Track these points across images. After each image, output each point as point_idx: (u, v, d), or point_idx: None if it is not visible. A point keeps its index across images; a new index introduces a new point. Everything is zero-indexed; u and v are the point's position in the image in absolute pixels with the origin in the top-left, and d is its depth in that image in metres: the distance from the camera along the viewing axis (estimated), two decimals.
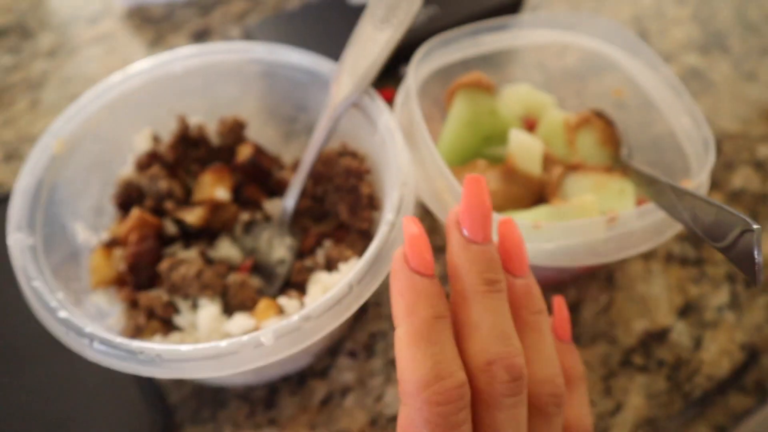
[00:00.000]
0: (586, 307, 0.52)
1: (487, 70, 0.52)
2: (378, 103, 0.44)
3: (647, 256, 0.56)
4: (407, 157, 0.41)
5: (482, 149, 0.50)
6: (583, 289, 0.53)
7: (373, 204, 0.46)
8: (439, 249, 0.55)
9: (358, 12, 0.68)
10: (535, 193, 0.47)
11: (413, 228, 0.30)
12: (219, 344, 0.34)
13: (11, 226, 0.40)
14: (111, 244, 0.46)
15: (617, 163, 0.48)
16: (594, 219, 0.40)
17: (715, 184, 0.62)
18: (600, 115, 0.50)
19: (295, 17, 0.70)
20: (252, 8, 0.78)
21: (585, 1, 0.82)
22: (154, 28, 0.75)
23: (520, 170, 0.46)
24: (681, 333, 0.52)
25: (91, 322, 0.36)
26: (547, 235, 0.39)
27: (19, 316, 0.48)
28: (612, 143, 0.49)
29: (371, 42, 0.43)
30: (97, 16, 0.77)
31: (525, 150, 0.46)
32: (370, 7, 0.43)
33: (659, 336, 0.51)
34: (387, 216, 0.39)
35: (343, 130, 0.47)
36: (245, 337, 0.34)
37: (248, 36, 0.68)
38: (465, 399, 0.27)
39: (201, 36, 0.75)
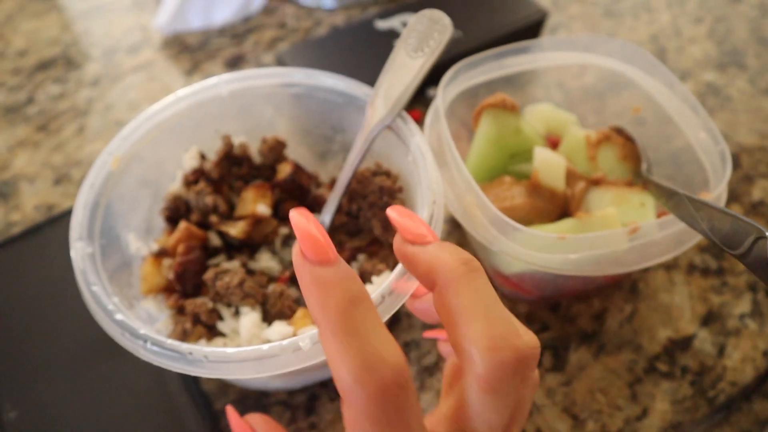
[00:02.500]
0: (611, 316, 0.54)
1: (510, 91, 0.55)
2: (410, 126, 0.46)
3: (669, 267, 0.57)
4: (437, 177, 0.44)
5: (508, 166, 0.52)
6: (607, 299, 0.55)
7: None
8: None
9: (385, 36, 0.72)
10: (560, 206, 0.49)
11: (300, 219, 0.28)
12: (261, 347, 0.37)
13: (73, 235, 0.43)
14: (160, 254, 0.49)
15: (638, 177, 0.50)
16: (616, 230, 0.42)
17: (735, 196, 0.63)
18: (620, 132, 0.52)
19: (324, 43, 0.73)
20: (283, 36, 0.82)
21: (603, 22, 0.84)
22: (191, 56, 0.80)
23: (545, 185, 0.48)
24: (704, 341, 0.53)
25: (143, 325, 0.39)
26: (572, 247, 0.41)
27: (77, 325, 0.52)
28: (632, 159, 0.51)
29: (404, 69, 0.46)
30: (137, 46, 0.81)
31: (549, 166, 0.48)
32: (403, 36, 0.46)
33: (683, 344, 0.53)
34: None
35: (377, 150, 0.50)
36: (285, 342, 0.36)
37: (280, 62, 0.72)
38: (405, 384, 0.26)
39: (235, 63, 0.79)
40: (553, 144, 0.55)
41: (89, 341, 0.51)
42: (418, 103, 0.70)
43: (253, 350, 0.37)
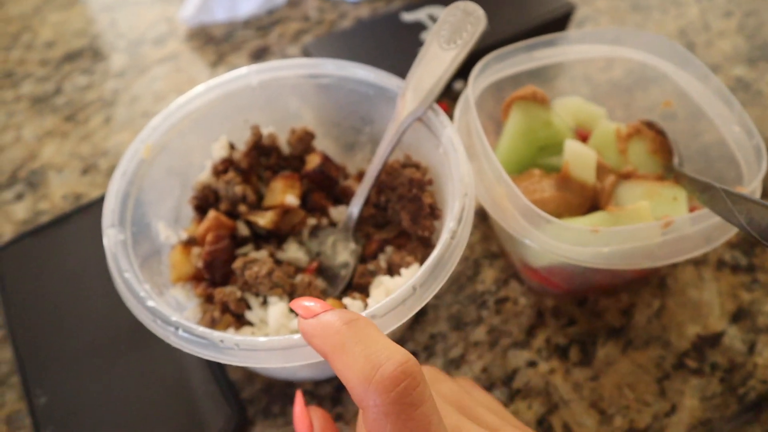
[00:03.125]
0: (639, 312, 0.54)
1: (536, 84, 0.55)
2: (441, 118, 0.46)
3: (699, 263, 0.57)
4: (469, 169, 0.44)
5: (537, 159, 0.52)
6: (635, 294, 0.55)
7: (434, 213, 0.48)
8: (493, 255, 0.57)
9: (411, 28, 0.72)
10: (589, 200, 0.49)
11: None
12: (292, 337, 0.37)
13: (106, 222, 0.43)
14: (189, 243, 0.49)
15: (669, 171, 0.50)
16: (650, 224, 0.41)
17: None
18: (651, 126, 0.52)
19: (349, 35, 0.73)
20: (307, 28, 0.82)
21: (630, 16, 0.83)
22: (216, 48, 0.80)
23: (575, 178, 0.48)
24: (734, 338, 0.52)
25: (174, 313, 0.40)
26: (604, 240, 0.41)
27: (105, 313, 0.53)
28: (663, 153, 0.51)
29: (436, 61, 0.46)
30: (162, 37, 0.82)
31: (580, 159, 0.48)
32: (436, 29, 0.46)
33: (712, 340, 0.52)
34: (449, 224, 0.41)
35: (406, 142, 0.50)
36: None
37: (306, 54, 0.72)
38: (414, 375, 0.26)
39: (260, 55, 0.79)
40: (583, 137, 0.54)
41: (118, 329, 0.52)
42: (444, 96, 0.70)
43: (284, 340, 0.37)
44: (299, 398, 0.40)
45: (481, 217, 0.60)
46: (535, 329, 0.53)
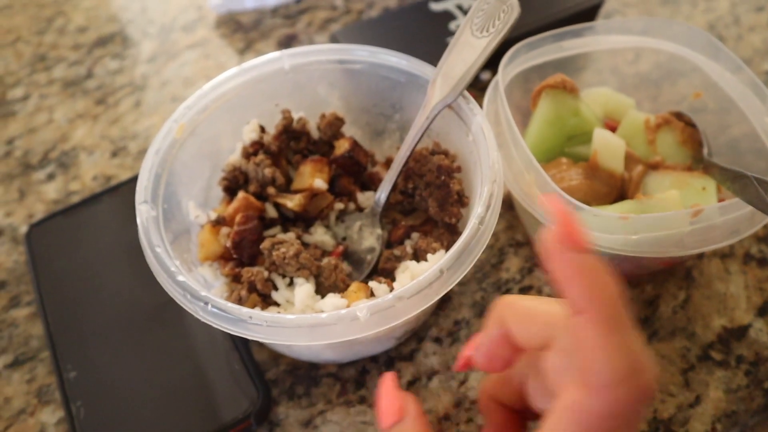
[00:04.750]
0: (664, 302, 0.54)
1: (565, 74, 0.55)
2: (471, 106, 0.46)
3: (725, 256, 0.56)
4: (498, 156, 0.44)
5: (565, 148, 0.52)
6: (660, 285, 0.55)
7: (462, 200, 0.48)
8: (518, 243, 0.57)
9: (439, 17, 0.72)
10: (617, 189, 0.49)
11: (559, 205, 0.27)
12: (319, 315, 0.37)
13: (139, 198, 0.44)
14: (218, 223, 0.50)
15: (697, 162, 0.50)
16: (679, 212, 0.41)
17: None
18: (680, 117, 0.52)
19: (378, 24, 0.73)
20: (335, 17, 0.83)
21: (659, 9, 0.83)
22: (244, 35, 0.81)
23: (604, 167, 0.48)
24: (760, 331, 0.52)
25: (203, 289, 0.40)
26: (633, 227, 0.41)
27: (134, 290, 0.54)
28: (692, 143, 0.51)
29: (468, 48, 0.46)
30: (192, 24, 0.83)
31: (609, 148, 0.48)
32: (469, 16, 0.46)
33: (738, 333, 0.52)
34: (477, 210, 0.41)
35: (435, 129, 0.50)
36: (343, 311, 0.37)
37: (335, 41, 0.72)
38: (651, 399, 0.26)
39: (288, 43, 0.79)
40: (611, 128, 0.54)
41: (146, 307, 0.53)
42: (471, 87, 0.70)
43: (312, 318, 0.37)
44: (389, 379, 0.35)
45: (507, 206, 0.60)
46: None
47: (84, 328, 0.53)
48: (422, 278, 0.38)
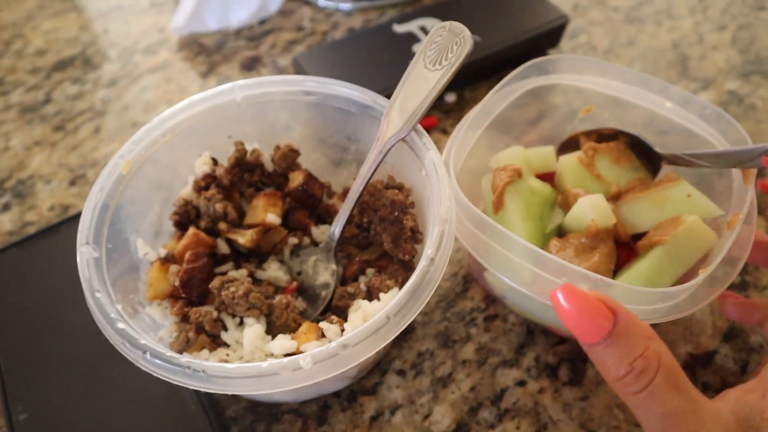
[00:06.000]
0: None
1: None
2: (425, 140, 0.45)
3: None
4: (450, 193, 0.43)
5: (545, 231, 0.50)
6: None
7: (416, 237, 0.47)
8: None
9: (402, 39, 0.71)
10: (612, 238, 0.48)
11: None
12: (261, 365, 0.36)
13: (80, 240, 0.43)
14: (167, 260, 0.49)
15: (647, 171, 0.50)
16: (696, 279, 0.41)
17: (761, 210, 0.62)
18: (600, 136, 0.52)
19: (341, 46, 0.73)
20: (300, 38, 0.82)
21: (623, 28, 0.82)
22: (207, 58, 0.79)
23: (603, 229, 0.46)
24: (726, 357, 0.52)
25: (146, 333, 0.39)
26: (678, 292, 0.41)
27: (89, 327, 0.51)
28: (625, 158, 0.51)
29: (422, 81, 0.45)
30: (154, 47, 0.81)
31: (600, 209, 0.47)
32: (422, 49, 0.45)
33: (704, 359, 0.52)
34: (427, 252, 0.40)
35: (389, 162, 0.49)
36: (285, 360, 0.36)
37: (297, 65, 0.71)
38: None
39: (251, 65, 0.78)
40: (548, 178, 0.53)
41: (102, 344, 0.50)
42: (435, 109, 0.69)
43: (253, 367, 0.36)
44: (569, 287, 0.33)
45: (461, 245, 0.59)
46: (524, 347, 0.52)
47: (37, 367, 0.51)
48: (368, 324, 0.37)
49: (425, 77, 0.45)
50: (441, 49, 0.45)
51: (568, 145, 0.56)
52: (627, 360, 0.32)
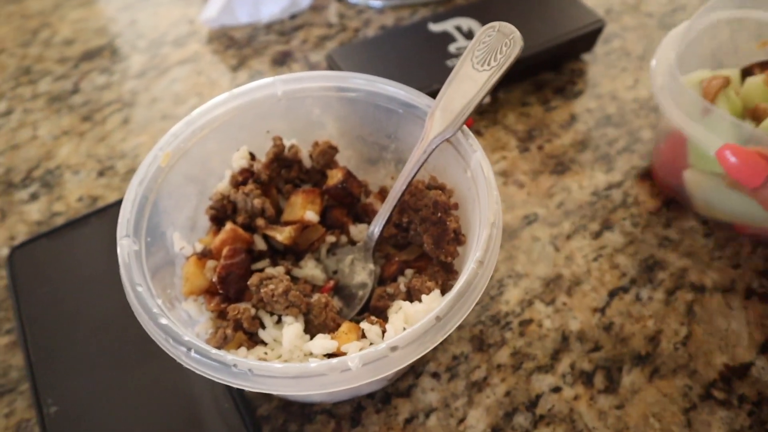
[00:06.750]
0: (666, 338, 0.52)
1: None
2: (471, 141, 0.45)
3: (726, 291, 0.55)
4: (497, 195, 0.42)
5: None
6: (661, 320, 0.54)
7: (458, 239, 0.46)
8: (518, 275, 0.55)
9: (438, 38, 0.70)
10: None
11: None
12: (308, 365, 0.35)
13: (120, 232, 0.42)
14: (204, 255, 0.48)
15: None
16: None
17: None
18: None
19: (375, 43, 0.72)
20: (331, 34, 0.81)
21: (657, 33, 0.81)
22: (238, 51, 0.79)
23: None
24: (763, 369, 0.51)
25: (186, 330, 0.38)
26: None
27: (120, 320, 0.51)
28: None
29: (469, 81, 0.44)
30: (183, 39, 0.81)
31: None
32: (470, 48, 0.45)
33: (740, 371, 0.51)
34: (476, 253, 0.39)
35: (432, 163, 0.48)
36: (334, 361, 0.35)
37: (330, 61, 0.70)
38: None
39: (283, 60, 0.77)
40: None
41: (133, 338, 0.50)
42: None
43: (300, 367, 0.36)
44: (736, 145, 0.45)
45: (506, 236, 0.59)
46: (559, 353, 0.52)
47: (67, 360, 0.50)
48: (418, 326, 0.36)
49: (473, 77, 0.44)
50: (490, 49, 0.44)
51: (745, 75, 0.62)
52: None
